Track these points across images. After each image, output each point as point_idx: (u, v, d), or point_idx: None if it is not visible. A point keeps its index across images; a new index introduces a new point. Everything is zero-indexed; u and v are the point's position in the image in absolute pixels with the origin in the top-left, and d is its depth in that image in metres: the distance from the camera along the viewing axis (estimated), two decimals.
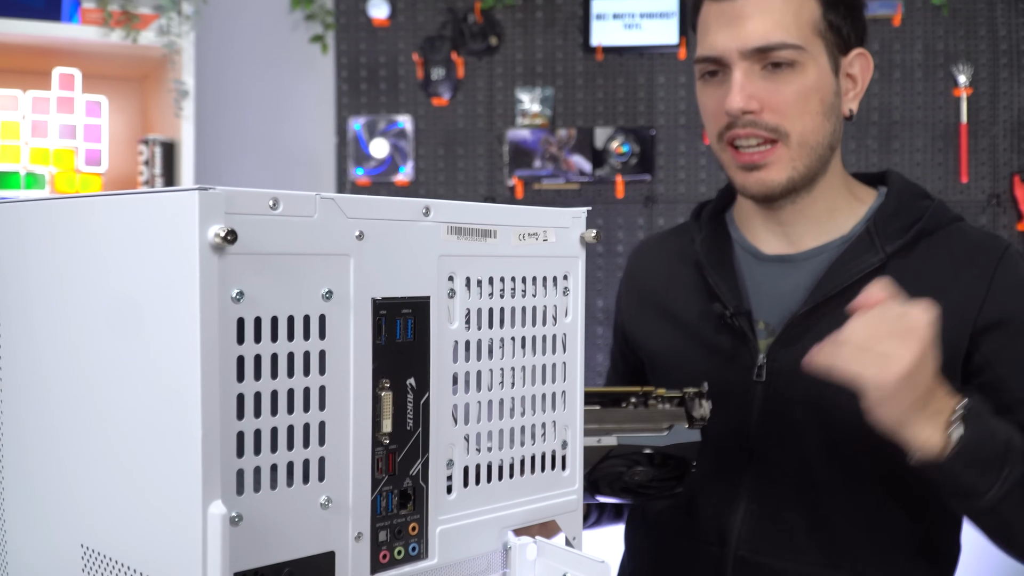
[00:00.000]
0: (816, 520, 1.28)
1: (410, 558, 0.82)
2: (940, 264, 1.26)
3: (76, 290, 0.80)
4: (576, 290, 0.95)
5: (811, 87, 1.27)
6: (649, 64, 2.94)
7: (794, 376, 1.27)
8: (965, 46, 2.84)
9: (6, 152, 2.30)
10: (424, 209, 0.82)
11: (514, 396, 0.90)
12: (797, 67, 1.26)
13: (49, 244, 0.84)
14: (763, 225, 1.39)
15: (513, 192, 2.95)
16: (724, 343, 1.35)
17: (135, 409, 0.73)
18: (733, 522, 1.31)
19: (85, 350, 0.79)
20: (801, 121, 1.27)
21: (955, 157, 2.83)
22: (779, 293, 1.33)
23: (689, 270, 1.43)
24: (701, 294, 1.39)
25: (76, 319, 0.80)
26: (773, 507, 1.30)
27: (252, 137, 3.00)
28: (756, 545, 1.29)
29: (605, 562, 0.84)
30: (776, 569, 1.28)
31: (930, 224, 1.30)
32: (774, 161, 1.28)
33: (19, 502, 0.90)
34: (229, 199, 0.68)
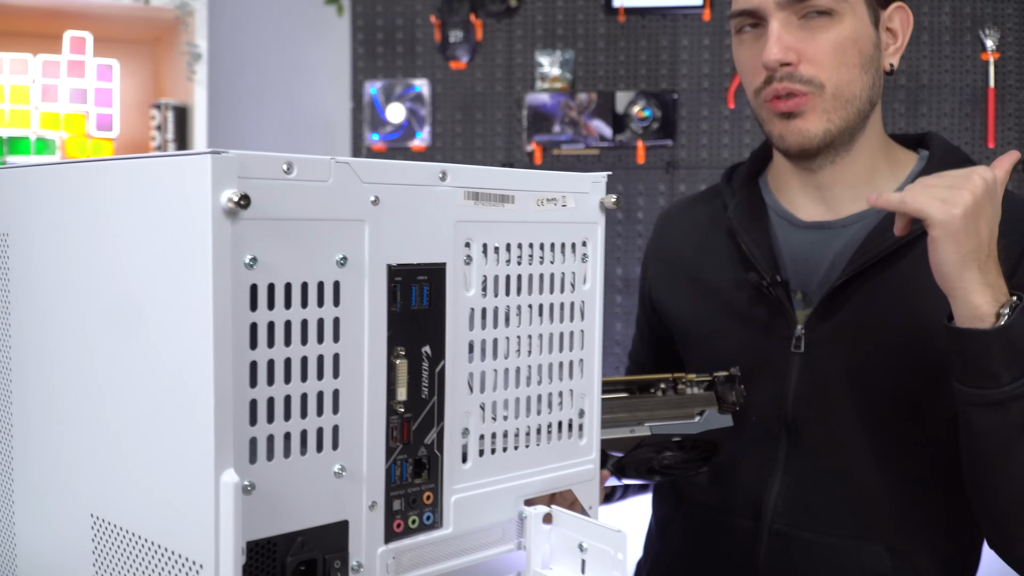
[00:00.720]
0: (852, 493, 1.28)
1: (424, 527, 0.82)
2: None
3: (87, 256, 0.81)
4: (595, 257, 0.94)
5: (849, 37, 1.25)
6: (672, 26, 2.92)
7: (833, 347, 1.27)
8: (992, 10, 2.81)
9: (16, 117, 2.30)
10: (441, 174, 0.82)
11: (531, 364, 0.90)
12: (835, 16, 1.24)
13: (60, 209, 0.84)
14: (801, 190, 1.36)
15: (532, 158, 2.94)
16: (760, 314, 1.33)
17: (146, 377, 0.74)
18: (768, 495, 1.31)
19: (96, 317, 0.79)
20: (837, 72, 1.25)
21: (982, 122, 2.81)
22: (817, 261, 1.32)
23: (721, 237, 1.41)
24: (735, 262, 1.37)
25: (87, 285, 0.81)
26: (809, 480, 1.29)
27: (266, 101, 3.00)
28: (792, 518, 1.29)
29: (622, 531, 0.84)
30: (811, 542, 1.28)
31: None
32: (809, 110, 1.26)
33: (29, 472, 0.91)
34: (242, 163, 0.68)
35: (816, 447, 1.30)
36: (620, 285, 2.91)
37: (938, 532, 1.27)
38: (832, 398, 1.28)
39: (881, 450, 1.27)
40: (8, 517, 0.94)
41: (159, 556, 0.73)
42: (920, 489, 1.27)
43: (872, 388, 1.26)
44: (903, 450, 1.26)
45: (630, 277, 2.90)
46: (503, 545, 0.88)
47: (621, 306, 2.91)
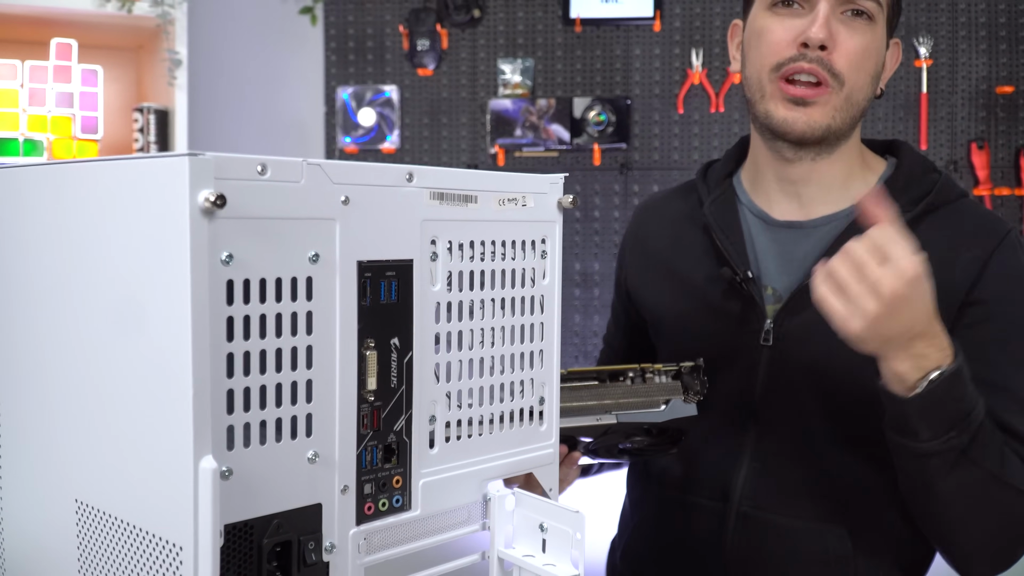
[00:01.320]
0: (815, 479, 1.28)
1: (394, 509, 0.82)
2: (943, 240, 1.22)
3: (71, 252, 0.80)
4: (553, 253, 0.94)
5: (874, 47, 1.25)
6: (625, 36, 2.92)
7: (800, 342, 1.27)
8: (926, 19, 2.83)
9: (5, 119, 2.27)
10: (407, 175, 0.81)
11: (494, 355, 0.89)
12: (872, 22, 1.24)
13: (46, 208, 0.83)
14: (777, 187, 1.34)
15: (495, 159, 2.94)
16: (732, 307, 1.32)
17: (128, 367, 0.73)
18: (736, 479, 1.30)
19: (80, 311, 0.78)
20: (858, 75, 1.25)
21: (915, 125, 2.83)
22: (788, 260, 1.31)
23: (697, 232, 1.39)
24: (709, 257, 1.36)
25: (71, 280, 0.80)
26: (775, 466, 1.29)
27: (243, 105, 2.98)
28: (757, 501, 1.29)
29: (580, 512, 0.84)
30: (776, 524, 1.28)
31: (937, 199, 1.28)
32: (822, 103, 1.24)
33: (15, 459, 0.89)
34: (218, 165, 0.67)
35: (782, 435, 1.29)
36: (578, 279, 2.91)
37: (897, 517, 1.27)
38: (797, 389, 1.28)
39: (843, 439, 1.27)
40: None
41: (140, 539, 0.72)
42: (880, 477, 1.26)
43: (835, 381, 1.26)
44: (863, 440, 1.26)
45: (588, 271, 2.91)
46: (468, 526, 0.88)
47: (579, 299, 2.91)
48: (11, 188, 0.89)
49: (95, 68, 2.36)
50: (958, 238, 1.25)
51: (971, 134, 2.82)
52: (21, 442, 0.88)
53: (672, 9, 2.90)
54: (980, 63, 2.82)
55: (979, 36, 2.82)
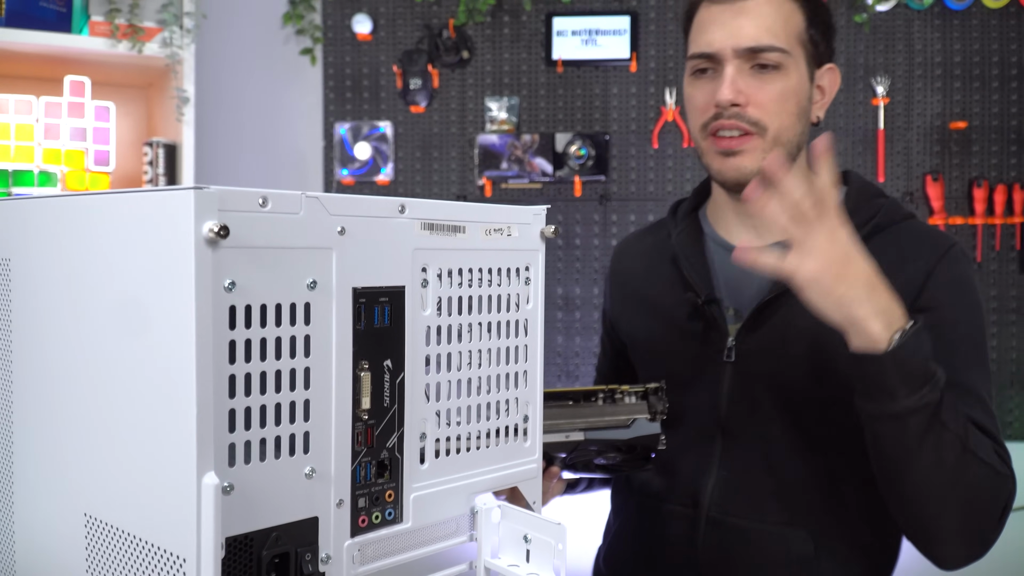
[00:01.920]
0: (778, 485, 1.28)
1: (386, 522, 0.81)
2: (891, 256, 1.23)
3: (82, 279, 0.79)
4: (537, 280, 0.94)
5: (791, 89, 1.27)
6: (604, 76, 2.93)
7: (760, 357, 1.28)
8: (884, 59, 2.85)
9: (21, 152, 2.26)
10: (400, 207, 0.81)
11: (481, 375, 0.89)
12: (781, 70, 1.26)
13: (59, 236, 0.83)
14: (734, 219, 1.37)
15: (482, 191, 2.94)
16: (697, 328, 1.34)
17: (135, 388, 0.72)
18: (706, 486, 1.31)
19: (90, 334, 0.78)
20: (779, 118, 1.27)
21: (873, 159, 2.85)
22: (747, 282, 1.32)
23: (666, 263, 1.42)
24: (677, 284, 1.38)
25: (82, 306, 0.79)
26: (741, 473, 1.30)
27: (247, 140, 2.97)
28: (726, 507, 1.29)
29: (562, 524, 0.83)
30: (743, 528, 1.28)
31: (884, 220, 1.30)
32: (749, 150, 1.27)
33: (27, 475, 0.89)
34: (222, 197, 0.67)
35: (747, 444, 1.30)
36: (560, 303, 2.91)
37: (858, 519, 1.28)
38: (759, 401, 1.29)
39: (803, 447, 1.28)
40: (7, 516, 0.92)
41: (146, 551, 0.72)
42: (839, 481, 1.27)
43: (793, 392, 1.27)
44: (822, 446, 1.27)
45: (569, 296, 2.90)
46: (457, 537, 0.87)
47: (562, 321, 2.91)
48: (26, 218, 0.89)
49: (107, 104, 2.36)
50: (904, 253, 1.26)
51: (926, 167, 2.84)
52: (33, 459, 0.88)
53: (647, 51, 2.91)
54: (934, 101, 2.84)
55: (934, 75, 2.84)
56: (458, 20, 2.94)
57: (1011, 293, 2.82)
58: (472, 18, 2.93)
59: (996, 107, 2.83)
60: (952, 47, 2.83)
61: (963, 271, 1.26)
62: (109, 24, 2.27)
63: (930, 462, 1.09)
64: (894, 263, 1.21)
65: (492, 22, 2.96)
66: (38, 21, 2.24)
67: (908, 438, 1.08)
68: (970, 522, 1.13)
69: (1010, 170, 2.82)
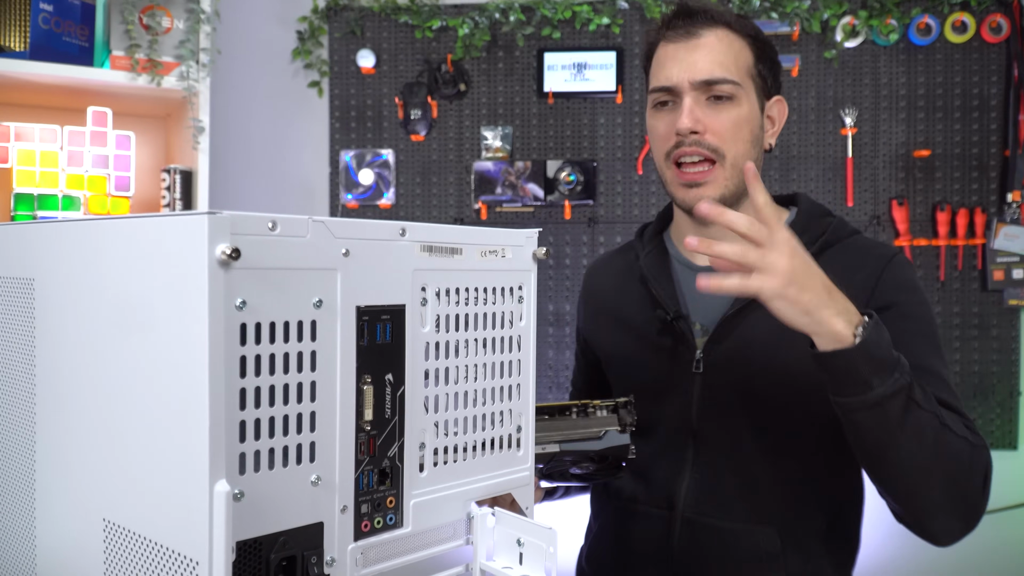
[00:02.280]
0: (746, 486, 1.29)
1: (388, 527, 0.81)
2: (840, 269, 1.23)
3: (102, 297, 0.79)
4: (529, 298, 0.94)
5: (744, 118, 1.30)
6: (592, 107, 2.94)
7: (725, 367, 1.29)
8: (852, 92, 2.86)
9: (46, 178, 2.26)
10: (401, 230, 0.81)
11: (477, 389, 0.89)
12: (734, 100, 1.29)
13: (81, 258, 0.83)
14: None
15: (479, 214, 2.94)
16: (667, 343, 1.35)
17: (152, 401, 0.72)
18: (680, 489, 1.31)
19: (110, 349, 0.78)
20: (735, 145, 1.29)
21: (842, 185, 2.86)
22: (712, 298, 1.32)
23: (635, 283, 1.43)
24: (646, 302, 1.39)
25: (101, 322, 0.79)
26: (712, 476, 1.30)
27: (259, 166, 2.97)
28: (699, 508, 1.30)
29: (552, 529, 0.83)
30: (715, 527, 1.29)
31: (832, 237, 1.32)
32: (711, 181, 1.29)
33: (49, 482, 0.88)
34: (234, 222, 0.67)
35: (716, 449, 1.31)
36: (551, 319, 2.91)
37: (821, 516, 1.29)
38: (727, 409, 1.30)
39: (769, 450, 1.29)
40: (29, 520, 0.91)
41: (161, 554, 0.71)
42: (803, 480, 1.29)
43: (758, 399, 1.28)
44: (787, 449, 1.28)
45: (560, 312, 2.90)
46: (454, 541, 0.87)
47: (552, 336, 2.90)
48: (51, 239, 0.89)
49: (128, 134, 2.36)
50: (853, 264, 1.29)
51: (892, 192, 2.85)
52: (55, 467, 0.87)
53: (632, 84, 2.92)
54: (899, 130, 2.85)
55: (899, 107, 2.85)
56: (456, 55, 2.95)
57: (973, 310, 2.82)
58: (469, 53, 2.94)
59: (958, 136, 2.84)
60: (916, 80, 2.85)
61: (907, 274, 1.29)
62: (129, 58, 2.27)
63: (911, 442, 1.08)
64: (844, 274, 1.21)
65: (487, 57, 2.96)
66: (62, 55, 2.25)
67: (888, 423, 1.07)
68: (956, 493, 1.13)
69: (971, 195, 2.83)
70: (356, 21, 2.97)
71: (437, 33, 2.97)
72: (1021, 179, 2.79)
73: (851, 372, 1.06)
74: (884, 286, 1.26)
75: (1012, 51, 2.80)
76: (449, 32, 2.96)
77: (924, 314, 1.26)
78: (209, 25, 2.34)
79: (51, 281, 0.87)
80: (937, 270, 2.82)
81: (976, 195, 2.84)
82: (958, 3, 2.81)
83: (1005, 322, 2.82)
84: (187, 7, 2.32)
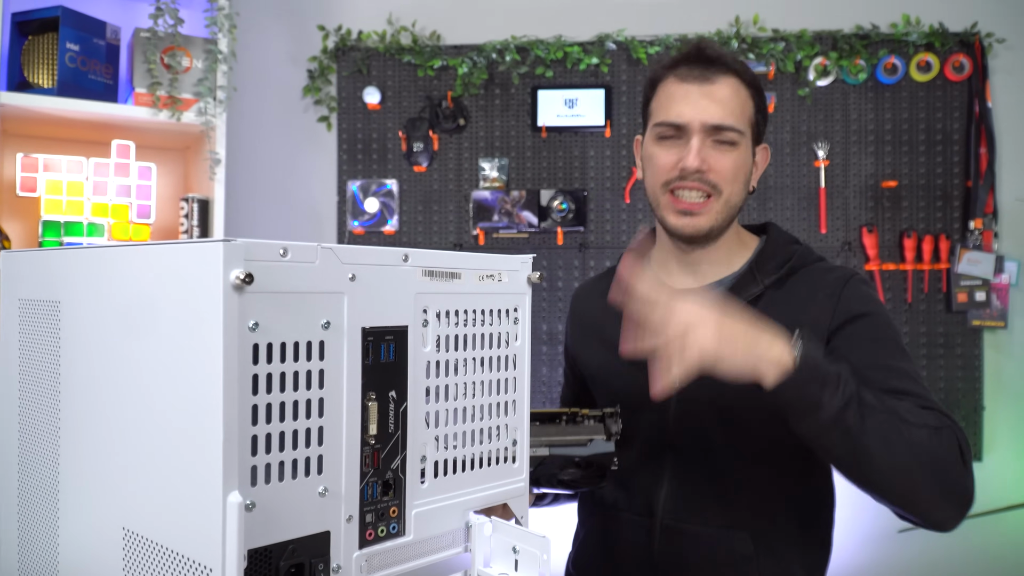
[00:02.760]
0: (720, 493, 1.28)
1: (391, 535, 0.80)
2: (804, 291, 1.28)
3: (124, 318, 0.79)
4: (524, 320, 0.94)
5: (741, 162, 1.31)
6: (582, 140, 2.95)
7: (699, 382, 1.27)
8: (824, 127, 2.87)
9: (72, 206, 2.25)
10: (404, 256, 0.81)
11: (475, 404, 0.89)
12: (736, 146, 1.30)
13: (105, 281, 0.83)
14: (676, 264, 1.40)
15: (477, 240, 2.94)
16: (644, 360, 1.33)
17: (169, 416, 0.72)
18: (659, 497, 1.31)
19: (129, 366, 0.77)
20: (732, 186, 1.30)
21: (816, 214, 2.86)
22: None
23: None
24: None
25: (122, 342, 0.78)
26: (689, 484, 1.30)
27: (271, 196, 2.98)
28: (676, 515, 1.30)
29: (546, 537, 0.82)
30: (692, 532, 1.28)
31: (797, 263, 1.33)
32: (706, 212, 1.30)
33: (71, 493, 0.87)
34: (247, 249, 0.67)
35: (692, 458, 1.31)
36: (545, 338, 2.91)
37: (793, 520, 1.29)
38: (701, 421, 1.30)
39: (740, 459, 1.29)
40: (52, 529, 0.90)
41: (176, 561, 0.71)
42: (774, 488, 1.28)
43: (730, 412, 1.27)
44: (758, 459, 1.28)
45: (553, 331, 2.90)
46: (453, 548, 0.87)
47: (546, 354, 2.90)
48: (76, 264, 0.89)
49: (149, 165, 2.36)
50: (815, 285, 1.30)
51: (862, 220, 2.85)
52: (77, 478, 0.86)
53: (619, 120, 2.93)
54: (868, 162, 2.86)
55: (868, 140, 2.86)
56: (455, 92, 2.96)
57: (939, 330, 2.83)
58: (467, 90, 2.95)
59: (923, 168, 2.85)
60: (884, 116, 2.86)
61: (865, 290, 1.30)
62: (151, 95, 2.27)
63: (878, 445, 1.07)
64: (807, 296, 1.26)
65: (485, 94, 2.97)
66: (88, 92, 2.25)
67: (850, 433, 1.06)
68: (939, 480, 1.10)
69: (936, 222, 2.84)
70: (363, 61, 2.98)
71: (438, 72, 2.98)
72: (983, 208, 2.80)
73: (803, 398, 1.05)
74: (844, 303, 1.27)
75: (973, 89, 2.82)
76: (449, 71, 2.97)
77: (882, 321, 1.27)
78: (226, 64, 2.35)
79: (76, 303, 0.87)
80: (905, 292, 2.82)
81: (940, 223, 2.84)
82: (922, 44, 2.83)
83: (969, 341, 2.82)
84: (205, 48, 2.33)
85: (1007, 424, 2.84)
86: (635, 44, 2.89)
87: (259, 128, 2.95)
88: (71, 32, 2.22)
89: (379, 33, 2.98)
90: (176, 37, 2.27)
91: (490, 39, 2.94)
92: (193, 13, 2.39)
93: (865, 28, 2.86)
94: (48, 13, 2.22)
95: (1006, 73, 2.87)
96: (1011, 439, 2.85)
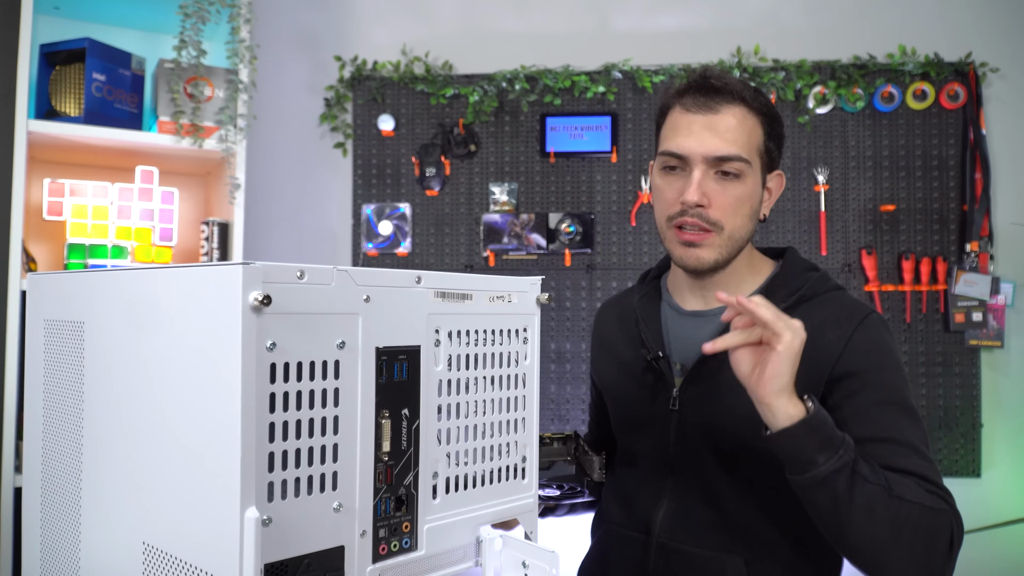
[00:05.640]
0: (716, 516, 1.26)
1: (403, 550, 0.80)
2: (814, 323, 1.18)
3: (146, 338, 0.79)
4: (533, 339, 0.94)
5: (747, 195, 1.26)
6: (589, 165, 2.95)
7: (699, 406, 1.27)
8: (823, 153, 2.87)
9: (97, 229, 2.27)
10: (416, 278, 0.81)
11: (486, 422, 0.88)
12: (741, 177, 1.25)
13: (128, 302, 0.83)
14: (687, 288, 1.36)
15: (487, 261, 2.94)
16: (649, 380, 1.33)
17: (188, 434, 0.71)
18: (657, 516, 1.29)
19: (150, 385, 0.77)
20: (734, 220, 1.25)
21: (817, 236, 2.86)
22: (694, 340, 1.31)
23: (630, 323, 1.41)
24: (636, 342, 1.37)
25: (145, 360, 0.78)
26: (686, 505, 1.28)
27: (288, 219, 2.99)
28: (673, 535, 1.27)
29: (555, 552, 0.82)
30: (687, 553, 1.26)
31: (809, 292, 1.28)
32: (708, 244, 1.26)
33: (93, 508, 0.87)
34: (265, 271, 0.67)
35: (690, 481, 1.29)
36: (553, 356, 2.90)
37: (787, 547, 1.24)
38: (699, 444, 1.27)
39: (737, 484, 1.26)
40: (75, 542, 0.90)
41: (195, 574, 0.70)
42: (769, 515, 1.25)
43: (727, 437, 1.25)
44: (754, 483, 1.25)
45: (561, 350, 2.89)
46: (464, 563, 0.86)
47: (554, 372, 2.89)
48: (100, 286, 0.89)
49: (172, 190, 2.37)
50: (826, 320, 1.23)
51: (861, 243, 2.85)
52: (99, 494, 0.86)
53: (625, 145, 2.94)
54: (867, 187, 2.86)
55: (866, 166, 2.86)
56: (467, 119, 2.97)
57: (937, 349, 2.81)
58: (478, 117, 2.97)
59: (920, 192, 2.84)
60: (881, 142, 2.86)
61: (879, 336, 1.23)
62: (174, 123, 2.29)
63: (861, 516, 1.07)
64: (816, 329, 1.18)
65: (495, 121, 2.99)
66: (113, 120, 2.27)
67: (837, 498, 1.06)
68: (917, 561, 1.08)
69: (933, 245, 2.83)
70: (377, 89, 2.99)
71: (450, 100, 2.99)
72: (978, 231, 2.79)
73: (799, 450, 1.06)
74: (854, 348, 1.21)
75: (968, 116, 2.82)
76: (461, 99, 2.98)
77: (889, 380, 1.20)
78: (246, 94, 2.36)
79: (99, 323, 0.87)
80: (904, 313, 2.81)
81: (938, 245, 2.83)
82: (919, 74, 2.83)
83: (966, 360, 2.81)
84: (227, 78, 2.34)
85: (1004, 441, 2.82)
86: (640, 73, 2.90)
87: (277, 154, 2.96)
88: (97, 63, 2.24)
89: (393, 63, 2.99)
90: (199, 68, 2.29)
91: (500, 68, 2.95)
92: (215, 45, 2.41)
93: (863, 58, 2.87)
94: (75, 44, 2.24)
95: (1000, 101, 2.87)
96: (1008, 455, 2.82)
